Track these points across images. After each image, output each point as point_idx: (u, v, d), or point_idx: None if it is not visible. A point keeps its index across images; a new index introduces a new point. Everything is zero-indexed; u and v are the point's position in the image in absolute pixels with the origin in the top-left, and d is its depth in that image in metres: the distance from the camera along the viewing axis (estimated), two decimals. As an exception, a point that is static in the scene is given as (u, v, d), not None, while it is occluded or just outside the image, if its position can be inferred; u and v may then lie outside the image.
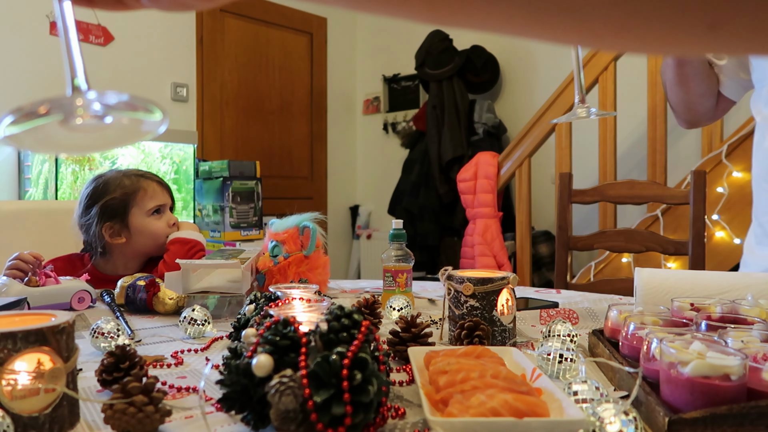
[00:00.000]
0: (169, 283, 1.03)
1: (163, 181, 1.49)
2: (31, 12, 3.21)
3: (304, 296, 0.74)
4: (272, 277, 1.17)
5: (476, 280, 0.79)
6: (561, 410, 0.48)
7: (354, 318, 0.49)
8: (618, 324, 0.71)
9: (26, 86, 3.20)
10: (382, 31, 4.76)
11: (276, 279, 1.16)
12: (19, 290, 1.01)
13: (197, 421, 0.52)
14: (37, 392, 0.47)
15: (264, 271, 1.17)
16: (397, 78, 4.59)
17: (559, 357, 0.64)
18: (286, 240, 1.20)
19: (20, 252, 1.20)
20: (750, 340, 0.56)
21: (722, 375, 0.47)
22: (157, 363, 0.71)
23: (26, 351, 0.47)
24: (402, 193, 3.91)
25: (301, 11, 4.53)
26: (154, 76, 3.72)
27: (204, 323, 0.86)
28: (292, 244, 1.20)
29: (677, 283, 0.85)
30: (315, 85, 4.66)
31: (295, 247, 1.20)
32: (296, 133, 4.55)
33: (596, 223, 2.95)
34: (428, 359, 0.62)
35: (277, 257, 1.18)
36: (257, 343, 0.48)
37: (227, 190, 3.36)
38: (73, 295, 1.06)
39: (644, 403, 0.51)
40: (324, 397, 0.44)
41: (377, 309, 0.90)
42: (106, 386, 0.59)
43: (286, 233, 1.20)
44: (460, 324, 0.77)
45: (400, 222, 1.15)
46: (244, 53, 4.23)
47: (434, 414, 0.47)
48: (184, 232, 1.43)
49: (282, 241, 1.20)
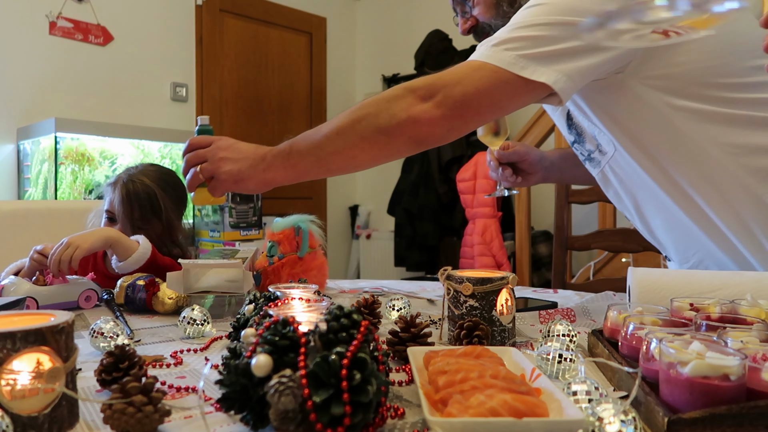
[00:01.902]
0: (170, 283, 1.03)
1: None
2: (31, 12, 3.21)
3: (303, 296, 0.74)
4: (267, 277, 1.17)
5: (475, 280, 0.79)
6: (560, 410, 0.48)
7: (353, 318, 0.49)
8: (617, 324, 0.71)
9: (26, 86, 3.20)
10: (382, 31, 4.76)
11: (270, 279, 1.17)
12: (27, 289, 1.02)
13: (196, 421, 0.52)
14: (37, 392, 0.47)
15: (260, 270, 1.17)
16: (397, 78, 4.58)
17: (558, 357, 0.64)
18: (281, 240, 1.20)
19: (45, 245, 1.21)
20: (749, 340, 0.56)
21: (721, 375, 0.47)
22: (156, 363, 0.70)
23: (25, 351, 0.47)
24: (401, 193, 3.91)
25: (300, 11, 4.53)
26: (154, 76, 3.72)
27: (203, 323, 0.86)
28: (287, 245, 1.20)
29: (671, 282, 0.85)
30: (314, 84, 4.66)
31: (290, 248, 1.20)
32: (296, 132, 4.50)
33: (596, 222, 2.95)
34: (427, 359, 0.62)
35: (273, 257, 1.18)
36: (256, 343, 0.48)
37: (227, 190, 3.36)
38: (80, 294, 1.07)
39: (643, 403, 0.51)
40: (323, 397, 0.44)
41: (376, 309, 0.90)
42: (106, 386, 0.59)
43: (282, 233, 1.20)
44: (459, 324, 0.77)
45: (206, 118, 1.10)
46: (243, 53, 4.23)
47: (433, 414, 0.47)
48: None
49: (278, 241, 1.20)
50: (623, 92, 0.98)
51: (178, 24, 3.85)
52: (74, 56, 3.36)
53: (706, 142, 0.96)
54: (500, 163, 1.34)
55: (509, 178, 1.34)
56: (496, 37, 0.95)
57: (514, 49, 0.92)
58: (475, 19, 1.18)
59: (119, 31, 3.54)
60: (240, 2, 4.19)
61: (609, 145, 1.08)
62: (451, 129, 0.95)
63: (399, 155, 0.99)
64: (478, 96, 0.93)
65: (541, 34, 0.91)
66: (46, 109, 3.22)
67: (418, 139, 0.94)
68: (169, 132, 3.40)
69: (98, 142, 3.12)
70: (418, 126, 0.92)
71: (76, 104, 3.36)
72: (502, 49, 0.92)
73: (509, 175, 1.34)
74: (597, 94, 1.03)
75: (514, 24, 0.95)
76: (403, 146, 0.95)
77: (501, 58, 0.92)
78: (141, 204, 1.48)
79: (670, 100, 0.96)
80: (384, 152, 0.95)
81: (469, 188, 3.21)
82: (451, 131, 0.95)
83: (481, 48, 0.96)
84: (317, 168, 0.97)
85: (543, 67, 0.90)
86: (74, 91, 3.37)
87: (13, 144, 3.17)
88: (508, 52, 0.92)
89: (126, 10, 3.56)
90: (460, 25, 1.21)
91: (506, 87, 0.92)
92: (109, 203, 1.49)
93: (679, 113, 0.96)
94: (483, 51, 0.95)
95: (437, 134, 0.94)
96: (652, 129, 1.00)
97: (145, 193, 1.49)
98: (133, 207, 1.48)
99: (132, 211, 1.47)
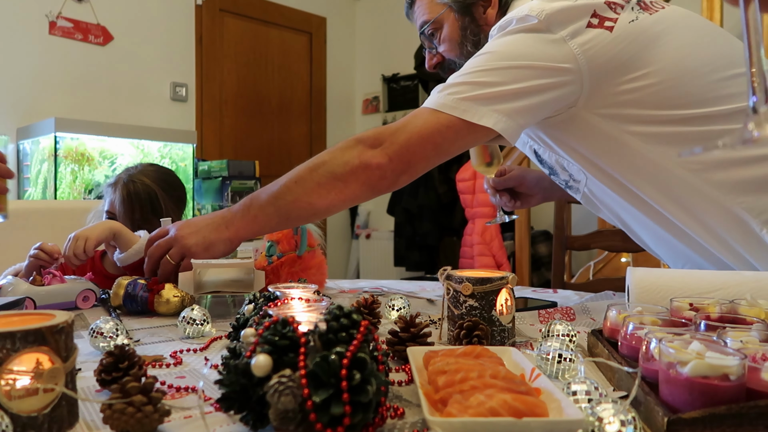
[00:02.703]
0: (182, 283, 1.03)
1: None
2: (31, 12, 3.21)
3: (302, 296, 0.74)
4: (266, 277, 1.17)
5: (475, 279, 0.79)
6: (560, 410, 0.48)
7: (353, 318, 0.49)
8: (617, 324, 0.71)
9: (26, 86, 3.20)
10: (382, 30, 4.76)
11: (269, 279, 1.17)
12: (25, 289, 1.01)
13: (196, 421, 0.52)
14: (36, 392, 0.47)
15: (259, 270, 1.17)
16: (397, 78, 4.59)
17: (558, 357, 0.64)
18: (280, 239, 1.20)
19: (43, 242, 1.21)
20: (749, 340, 0.56)
21: (721, 375, 0.47)
22: (156, 363, 0.70)
23: (25, 351, 0.47)
24: (401, 193, 3.91)
25: (300, 11, 4.53)
26: (154, 75, 3.72)
27: (203, 323, 0.86)
28: (286, 244, 1.20)
29: (670, 282, 0.85)
30: (314, 84, 4.66)
31: (289, 247, 1.21)
32: (295, 132, 4.55)
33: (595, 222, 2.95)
34: (427, 359, 0.62)
35: (272, 257, 1.18)
36: (256, 343, 0.48)
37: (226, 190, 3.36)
38: (78, 294, 1.07)
39: (643, 403, 0.51)
40: (323, 397, 0.44)
41: (376, 309, 0.90)
42: (105, 386, 0.59)
43: (281, 233, 1.21)
44: (459, 324, 0.77)
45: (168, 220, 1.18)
46: (243, 53, 4.23)
47: (433, 414, 0.47)
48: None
49: (276, 240, 1.20)
50: (579, 125, 1.01)
51: (178, 24, 3.85)
52: (74, 56, 3.36)
53: (668, 162, 0.98)
54: (497, 190, 1.36)
55: (507, 204, 1.36)
56: (445, 83, 1.00)
57: (456, 93, 0.96)
58: (441, 56, 1.24)
59: (119, 30, 3.54)
60: (240, 2, 4.19)
61: (579, 174, 1.11)
62: (401, 173, 1.00)
63: (356, 201, 1.03)
64: (422, 141, 0.98)
65: (483, 79, 0.95)
66: (45, 108, 3.22)
67: (371, 184, 0.99)
68: (169, 132, 3.41)
69: (98, 141, 3.12)
70: (369, 171, 0.98)
71: (76, 104, 3.36)
72: (445, 95, 0.97)
73: (507, 201, 1.36)
74: (554, 130, 1.06)
75: (462, 71, 0.99)
76: (358, 191, 1.00)
77: (443, 103, 0.97)
78: (141, 204, 1.48)
79: (626, 127, 0.98)
80: (341, 197, 1.00)
81: (468, 188, 3.21)
82: (401, 175, 1.01)
83: (431, 94, 1.01)
84: (277, 218, 1.02)
85: (483, 107, 0.94)
86: (74, 91, 3.37)
87: (12, 144, 3.17)
88: (450, 96, 0.96)
89: (126, 10, 3.56)
90: (427, 61, 1.26)
91: (448, 131, 0.97)
92: (110, 204, 1.49)
93: (636, 138, 0.98)
94: (430, 97, 1.00)
95: (388, 179, 1.00)
96: (613, 156, 1.02)
97: (145, 194, 1.49)
98: (133, 207, 1.48)
99: (133, 211, 1.48)
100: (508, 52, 0.97)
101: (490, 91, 0.95)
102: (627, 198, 1.05)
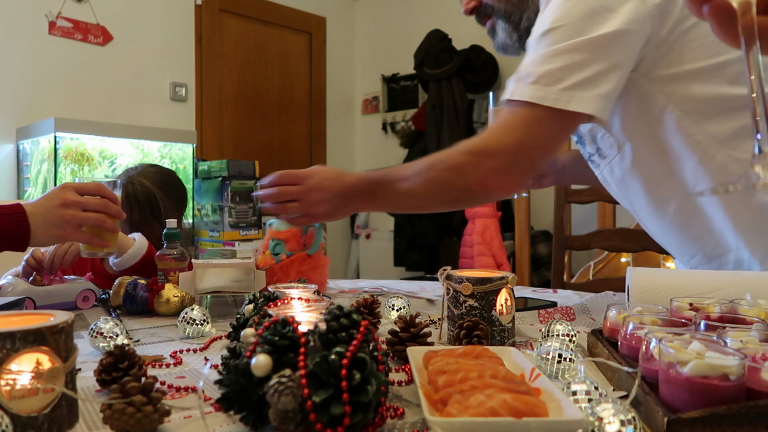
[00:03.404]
0: (183, 283, 1.03)
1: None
2: (31, 12, 3.21)
3: (302, 296, 0.74)
4: (274, 275, 1.18)
5: (475, 279, 0.79)
6: (560, 410, 0.48)
7: (353, 318, 0.49)
8: (617, 324, 0.71)
9: (26, 86, 3.20)
10: (381, 30, 4.76)
11: (278, 277, 1.18)
12: (25, 289, 1.02)
13: (196, 421, 0.52)
14: (36, 392, 0.47)
15: (265, 268, 1.18)
16: (396, 78, 4.58)
17: (558, 357, 0.64)
18: (288, 239, 1.21)
19: (35, 249, 1.21)
20: (749, 340, 0.56)
21: (721, 375, 0.47)
22: (155, 363, 0.70)
23: (25, 351, 0.47)
24: (401, 193, 3.91)
25: (300, 11, 4.53)
26: (153, 75, 3.71)
27: (203, 323, 0.86)
28: (295, 243, 1.22)
29: (670, 282, 0.85)
30: (314, 84, 4.65)
31: (298, 246, 1.22)
32: (295, 132, 4.55)
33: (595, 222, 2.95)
34: (427, 359, 0.62)
35: (279, 255, 1.19)
36: (256, 343, 0.48)
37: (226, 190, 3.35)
38: (78, 294, 1.07)
39: (643, 403, 0.51)
40: (323, 397, 0.44)
41: (376, 309, 0.90)
42: (105, 386, 0.59)
43: (289, 232, 1.22)
44: (459, 324, 0.77)
45: (173, 221, 1.17)
46: (243, 53, 4.23)
47: (433, 414, 0.47)
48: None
49: (284, 239, 1.21)
50: (630, 90, 0.98)
51: (178, 24, 3.84)
52: (74, 56, 3.35)
53: (704, 137, 0.96)
54: None
55: None
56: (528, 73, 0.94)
57: (554, 83, 0.91)
58: (479, 0, 1.16)
59: (118, 30, 3.54)
60: (239, 2, 4.19)
61: (610, 149, 1.08)
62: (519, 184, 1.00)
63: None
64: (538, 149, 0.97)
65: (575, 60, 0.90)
66: (45, 108, 3.22)
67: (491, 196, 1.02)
68: (169, 132, 3.40)
69: (98, 141, 3.12)
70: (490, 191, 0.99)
71: (76, 104, 3.36)
72: (542, 85, 0.92)
73: None
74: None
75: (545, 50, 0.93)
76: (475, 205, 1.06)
77: (543, 95, 0.91)
78: (140, 206, 1.48)
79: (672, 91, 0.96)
80: (455, 209, 1.10)
81: (468, 188, 3.21)
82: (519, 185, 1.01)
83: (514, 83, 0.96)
84: (391, 210, 1.13)
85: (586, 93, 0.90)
86: (74, 91, 3.36)
87: (12, 144, 3.17)
88: (549, 88, 0.91)
89: (125, 10, 3.56)
90: (463, 5, 1.19)
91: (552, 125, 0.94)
92: None
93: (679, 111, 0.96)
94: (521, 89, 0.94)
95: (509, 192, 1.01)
96: (653, 128, 0.99)
97: (144, 195, 1.49)
98: (132, 209, 1.47)
99: (131, 213, 1.47)
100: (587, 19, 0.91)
101: (587, 75, 0.90)
102: (647, 184, 1.04)
